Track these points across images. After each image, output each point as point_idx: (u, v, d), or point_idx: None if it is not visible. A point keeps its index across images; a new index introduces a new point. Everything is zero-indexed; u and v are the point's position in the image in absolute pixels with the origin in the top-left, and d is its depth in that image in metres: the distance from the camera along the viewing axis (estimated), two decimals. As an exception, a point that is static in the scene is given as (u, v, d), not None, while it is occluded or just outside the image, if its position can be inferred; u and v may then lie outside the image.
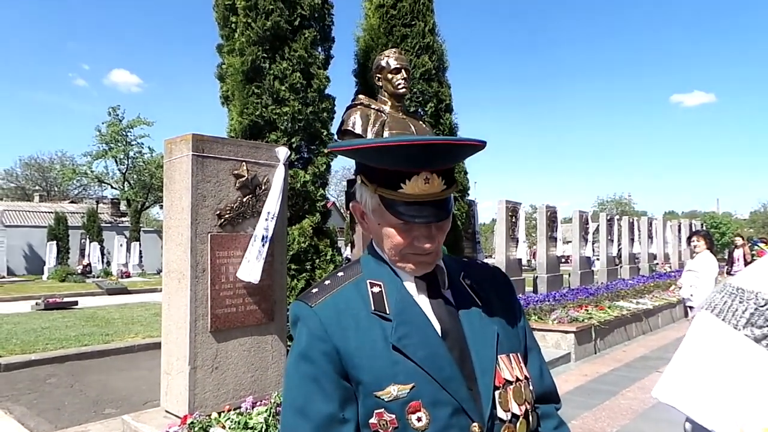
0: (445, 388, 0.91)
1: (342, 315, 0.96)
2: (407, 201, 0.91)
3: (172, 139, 3.71)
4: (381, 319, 0.95)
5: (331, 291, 0.99)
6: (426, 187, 0.90)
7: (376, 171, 0.93)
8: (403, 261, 0.98)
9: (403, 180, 0.90)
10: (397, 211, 0.92)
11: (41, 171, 46.25)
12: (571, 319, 7.64)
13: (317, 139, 5.56)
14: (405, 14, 6.86)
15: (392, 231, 0.95)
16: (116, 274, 24.28)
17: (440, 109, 7.13)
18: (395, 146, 0.87)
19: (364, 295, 0.98)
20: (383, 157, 0.91)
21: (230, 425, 3.24)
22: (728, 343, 0.78)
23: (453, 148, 0.91)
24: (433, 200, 0.92)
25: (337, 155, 1.02)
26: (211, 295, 3.54)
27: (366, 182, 0.96)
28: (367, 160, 0.95)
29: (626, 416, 4.73)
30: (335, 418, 0.91)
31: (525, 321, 1.13)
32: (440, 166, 0.91)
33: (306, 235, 5.23)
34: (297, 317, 0.99)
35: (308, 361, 0.94)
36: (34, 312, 12.13)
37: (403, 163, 0.89)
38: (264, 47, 5.22)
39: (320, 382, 0.92)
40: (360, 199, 1.00)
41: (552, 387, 1.13)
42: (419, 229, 0.94)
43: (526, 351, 1.09)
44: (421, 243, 0.95)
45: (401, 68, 5.02)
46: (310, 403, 0.92)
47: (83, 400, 5.47)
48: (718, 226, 35.94)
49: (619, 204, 56.93)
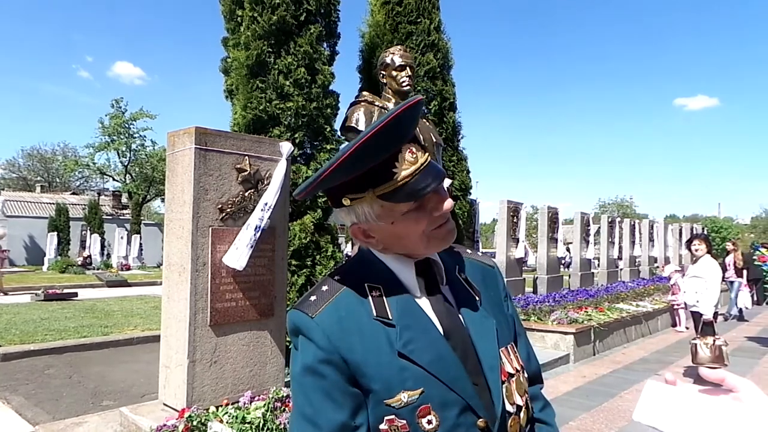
0: (452, 389, 0.90)
1: (344, 323, 0.93)
2: (408, 181, 0.90)
3: (175, 132, 3.70)
4: (384, 325, 0.93)
5: (329, 298, 0.97)
6: (414, 159, 0.91)
7: (365, 176, 0.90)
8: (431, 242, 0.97)
9: (393, 165, 0.90)
10: (405, 194, 0.91)
11: (43, 162, 46.30)
12: (570, 320, 7.63)
13: (320, 135, 5.54)
14: (411, 11, 6.84)
15: (409, 220, 0.94)
16: (116, 266, 24.33)
17: (444, 107, 7.11)
18: (370, 137, 0.86)
19: (364, 300, 0.96)
20: (365, 153, 0.88)
21: (228, 419, 3.24)
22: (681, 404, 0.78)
23: (411, 112, 0.90)
24: (426, 167, 0.92)
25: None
26: (211, 289, 3.53)
27: (357, 198, 0.93)
28: (352, 167, 0.89)
29: (624, 418, 4.72)
30: (347, 426, 0.89)
31: (513, 307, 1.14)
32: (412, 132, 0.93)
33: (307, 230, 5.23)
34: (297, 329, 0.96)
35: (315, 375, 0.92)
36: (34, 303, 12.15)
37: (383, 147, 0.89)
38: (269, 42, 5.20)
39: (330, 392, 0.90)
40: (357, 219, 0.97)
41: (538, 369, 1.18)
42: (431, 200, 0.94)
43: (516, 337, 1.10)
44: (439, 209, 0.94)
45: (406, 65, 5.00)
46: (320, 412, 0.90)
47: (81, 392, 5.47)
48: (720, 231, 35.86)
49: (621, 206, 56.93)
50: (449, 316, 0.97)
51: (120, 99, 36.52)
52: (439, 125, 6.88)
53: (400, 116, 0.87)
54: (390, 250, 1.00)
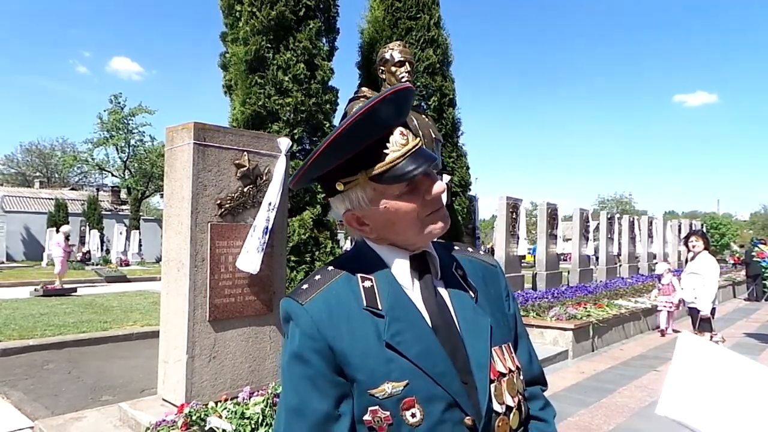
0: (438, 383, 0.91)
1: (333, 312, 0.94)
2: (398, 163, 0.91)
3: (173, 128, 3.69)
4: (373, 316, 0.94)
5: (321, 287, 0.98)
6: (405, 141, 0.93)
7: (356, 158, 0.92)
8: (425, 229, 0.97)
9: (384, 147, 0.92)
10: (396, 176, 0.92)
11: (42, 157, 46.20)
12: (569, 316, 7.64)
13: (319, 131, 5.54)
14: (410, 7, 6.82)
15: (401, 203, 0.95)
16: (115, 262, 24.31)
17: (443, 103, 7.10)
18: (364, 114, 0.87)
19: (356, 290, 0.96)
20: (356, 134, 0.89)
21: (227, 415, 3.24)
22: (714, 357, 0.78)
23: (401, 96, 0.92)
24: (416, 150, 0.94)
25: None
26: (210, 284, 3.53)
27: (350, 181, 0.94)
28: (343, 148, 0.91)
29: (622, 414, 4.73)
30: (331, 416, 0.91)
31: (516, 307, 1.14)
32: (403, 117, 0.95)
33: (306, 227, 5.22)
34: (288, 315, 0.97)
35: (302, 361, 0.93)
36: (33, 298, 12.15)
37: (373, 128, 0.90)
38: (268, 37, 5.19)
39: (315, 380, 0.92)
40: (351, 205, 0.98)
41: (540, 372, 1.15)
42: (423, 183, 0.95)
43: (517, 338, 1.10)
44: (431, 192, 0.95)
45: (405, 61, 4.99)
46: (305, 402, 0.92)
47: (80, 387, 5.48)
48: (719, 227, 35.89)
49: (620, 203, 56.93)
50: (439, 310, 0.97)
51: (119, 94, 36.48)
52: (439, 121, 6.87)
53: (389, 98, 0.89)
54: (384, 239, 1.00)
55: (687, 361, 0.82)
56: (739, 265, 13.06)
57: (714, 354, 0.79)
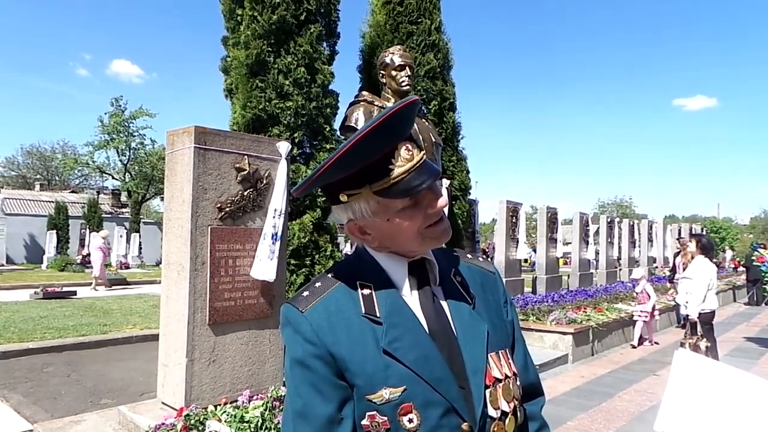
0: (436, 389, 0.91)
1: (333, 319, 0.96)
2: (403, 178, 0.92)
3: (174, 131, 3.70)
4: (372, 322, 0.95)
5: (321, 295, 0.99)
6: (410, 157, 0.93)
7: (361, 172, 0.92)
8: (425, 240, 0.98)
9: (390, 162, 0.91)
10: (400, 191, 0.92)
11: (42, 160, 46.19)
12: (569, 320, 7.64)
13: (320, 135, 5.55)
14: (411, 11, 6.84)
15: (404, 216, 0.95)
16: (115, 265, 24.27)
17: (444, 107, 7.11)
18: (367, 133, 0.87)
19: (355, 298, 0.98)
20: (362, 150, 0.89)
21: (226, 418, 3.24)
22: (711, 372, 0.79)
23: (408, 111, 0.92)
24: (421, 165, 0.94)
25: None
26: (210, 288, 3.53)
27: (354, 193, 0.94)
28: (349, 163, 0.91)
29: (622, 418, 4.73)
30: (334, 419, 0.92)
31: (514, 313, 1.14)
32: (408, 131, 0.95)
33: (306, 230, 5.23)
34: (288, 322, 0.99)
35: (304, 367, 0.95)
36: (33, 301, 12.13)
37: (380, 144, 0.90)
38: (269, 41, 5.20)
39: (317, 385, 0.93)
40: (354, 216, 0.98)
41: (536, 379, 1.15)
42: (426, 197, 0.96)
43: (514, 343, 1.10)
44: (434, 206, 0.96)
45: (405, 65, 5.01)
46: (309, 406, 0.93)
47: (80, 390, 5.47)
48: (719, 231, 35.92)
49: (620, 207, 56.91)
50: (437, 316, 0.98)
51: (119, 97, 36.41)
52: (439, 125, 6.88)
53: (396, 114, 0.89)
54: (385, 247, 1.01)
55: (684, 378, 0.83)
56: (739, 269, 13.09)
57: (711, 370, 0.80)
